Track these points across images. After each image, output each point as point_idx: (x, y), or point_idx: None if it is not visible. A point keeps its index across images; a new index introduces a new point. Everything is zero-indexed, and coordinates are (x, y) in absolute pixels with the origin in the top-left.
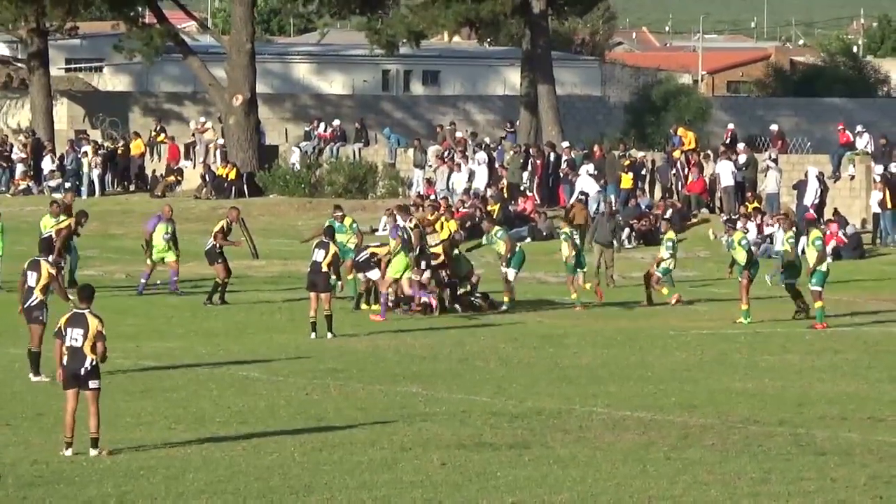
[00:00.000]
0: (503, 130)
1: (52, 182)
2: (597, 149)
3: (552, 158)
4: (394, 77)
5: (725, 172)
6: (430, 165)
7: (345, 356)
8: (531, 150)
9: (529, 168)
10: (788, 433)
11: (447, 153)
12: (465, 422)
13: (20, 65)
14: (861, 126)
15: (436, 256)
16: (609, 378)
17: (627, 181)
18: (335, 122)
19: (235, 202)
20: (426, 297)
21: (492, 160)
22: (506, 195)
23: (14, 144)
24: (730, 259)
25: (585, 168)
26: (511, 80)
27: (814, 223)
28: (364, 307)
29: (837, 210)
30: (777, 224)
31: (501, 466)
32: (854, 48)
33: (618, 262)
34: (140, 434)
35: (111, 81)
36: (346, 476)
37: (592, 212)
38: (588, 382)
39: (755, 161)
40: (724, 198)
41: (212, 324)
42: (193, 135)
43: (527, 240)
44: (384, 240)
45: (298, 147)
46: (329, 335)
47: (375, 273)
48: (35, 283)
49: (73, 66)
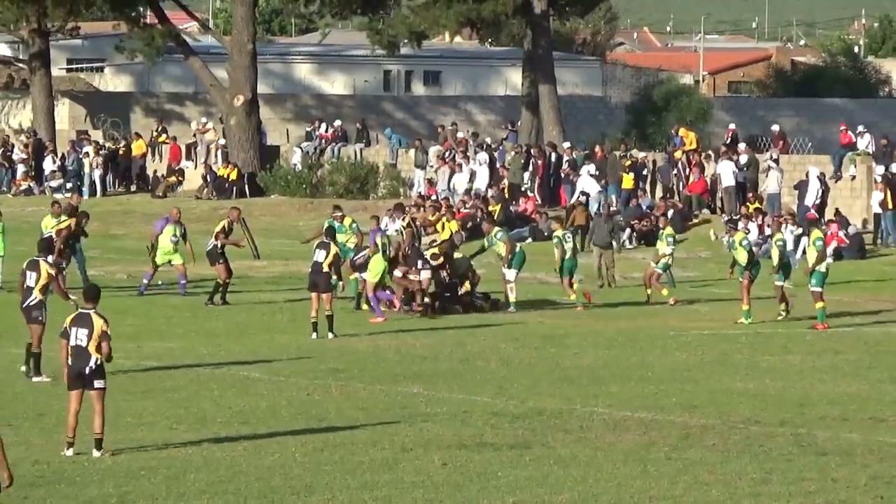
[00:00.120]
0: (504, 131)
1: (54, 182)
2: (598, 149)
3: (553, 159)
4: (395, 77)
5: (726, 173)
6: (432, 166)
7: (346, 356)
8: (532, 151)
9: (531, 168)
10: (789, 433)
11: (448, 153)
12: (467, 422)
13: (22, 65)
14: (862, 126)
15: (435, 257)
16: (610, 378)
17: (628, 181)
18: (336, 123)
19: (237, 202)
20: (389, 298)
21: (493, 160)
22: (507, 195)
23: (15, 145)
24: (731, 259)
25: (587, 168)
26: (512, 81)
27: (815, 223)
28: (365, 307)
29: (839, 210)
30: (783, 224)
31: (503, 466)
32: (855, 48)
33: (618, 263)
34: (141, 434)
35: (112, 82)
36: (348, 476)
37: (593, 212)
38: (589, 383)
39: (756, 161)
40: (726, 198)
41: (213, 324)
42: (195, 135)
43: (528, 240)
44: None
45: (300, 147)
46: (330, 335)
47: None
48: (34, 283)
49: (75, 67)
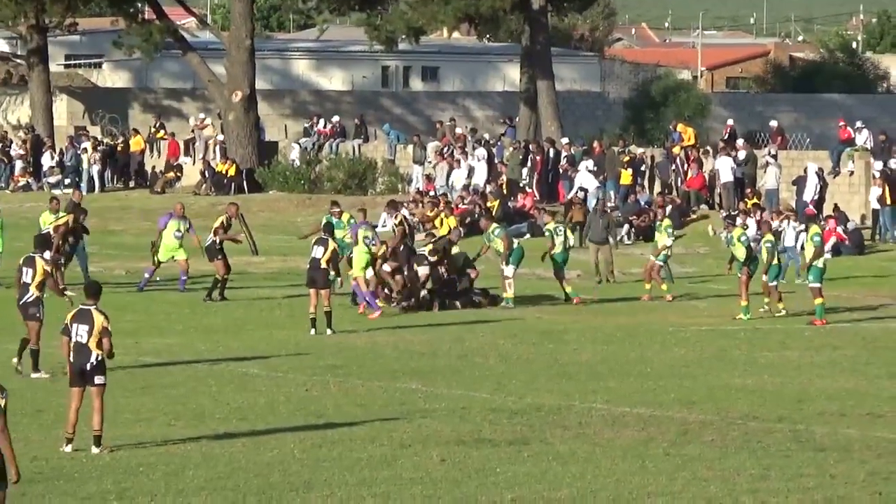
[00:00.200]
0: (502, 126)
1: (52, 178)
2: (596, 145)
3: (552, 154)
4: (393, 73)
5: (725, 168)
6: (430, 162)
7: (344, 352)
8: (531, 147)
9: (529, 164)
10: (787, 429)
11: (446, 149)
12: (465, 418)
13: (20, 61)
14: (860, 122)
15: (433, 253)
16: (608, 374)
17: (627, 177)
18: (334, 119)
19: (235, 198)
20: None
21: (491, 156)
22: (505, 191)
23: (14, 141)
24: (729, 255)
25: (585, 164)
26: (510, 77)
27: (813, 219)
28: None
29: (837, 206)
30: (786, 221)
31: (501, 463)
32: (853, 44)
33: (617, 259)
34: (139, 430)
35: (110, 77)
36: (346, 472)
37: (592, 208)
38: (587, 379)
39: (754, 157)
40: (724, 194)
41: (211, 320)
42: (193, 131)
43: (526, 236)
44: (384, 236)
45: (298, 143)
46: (328, 331)
47: (368, 271)
48: (30, 280)
49: (73, 63)
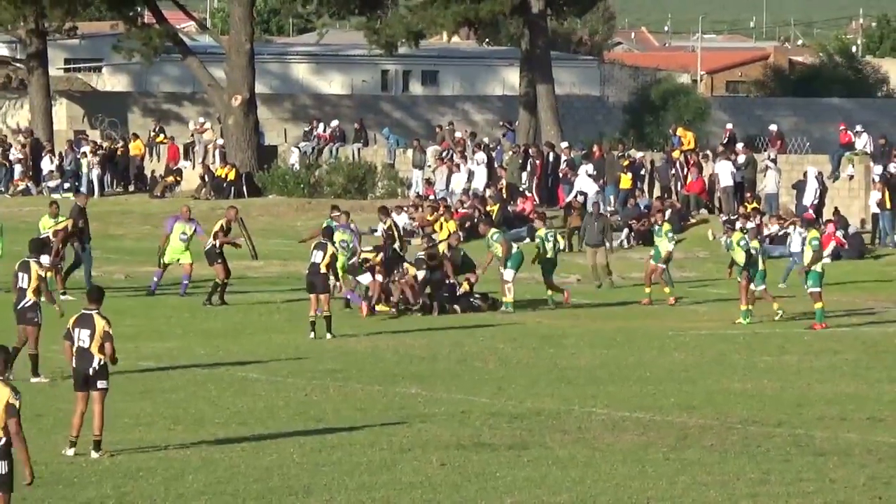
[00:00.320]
0: (501, 128)
1: (52, 182)
2: (596, 149)
3: (551, 158)
4: (393, 77)
5: (724, 172)
6: (429, 166)
7: (344, 357)
8: (530, 151)
9: (528, 168)
10: (787, 434)
11: (446, 153)
12: (465, 422)
13: (19, 65)
14: (860, 126)
15: (431, 257)
16: (608, 379)
17: (626, 181)
18: (334, 123)
19: (234, 202)
20: (356, 301)
21: (491, 160)
22: (505, 195)
23: (13, 145)
24: (729, 260)
25: (584, 168)
26: (510, 81)
27: (812, 223)
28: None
29: (838, 210)
30: (792, 227)
31: (500, 467)
32: (853, 48)
33: (617, 263)
34: (139, 435)
35: (110, 81)
36: (346, 477)
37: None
38: (587, 383)
39: (754, 161)
40: (723, 198)
41: (211, 324)
42: (192, 135)
43: (525, 240)
44: (376, 242)
45: (297, 147)
46: (328, 336)
47: (367, 278)
48: (26, 285)
49: (72, 67)
